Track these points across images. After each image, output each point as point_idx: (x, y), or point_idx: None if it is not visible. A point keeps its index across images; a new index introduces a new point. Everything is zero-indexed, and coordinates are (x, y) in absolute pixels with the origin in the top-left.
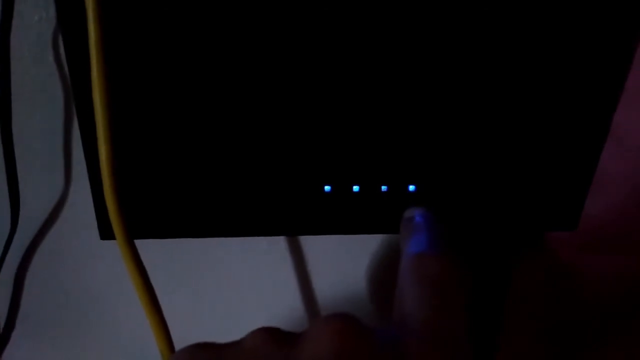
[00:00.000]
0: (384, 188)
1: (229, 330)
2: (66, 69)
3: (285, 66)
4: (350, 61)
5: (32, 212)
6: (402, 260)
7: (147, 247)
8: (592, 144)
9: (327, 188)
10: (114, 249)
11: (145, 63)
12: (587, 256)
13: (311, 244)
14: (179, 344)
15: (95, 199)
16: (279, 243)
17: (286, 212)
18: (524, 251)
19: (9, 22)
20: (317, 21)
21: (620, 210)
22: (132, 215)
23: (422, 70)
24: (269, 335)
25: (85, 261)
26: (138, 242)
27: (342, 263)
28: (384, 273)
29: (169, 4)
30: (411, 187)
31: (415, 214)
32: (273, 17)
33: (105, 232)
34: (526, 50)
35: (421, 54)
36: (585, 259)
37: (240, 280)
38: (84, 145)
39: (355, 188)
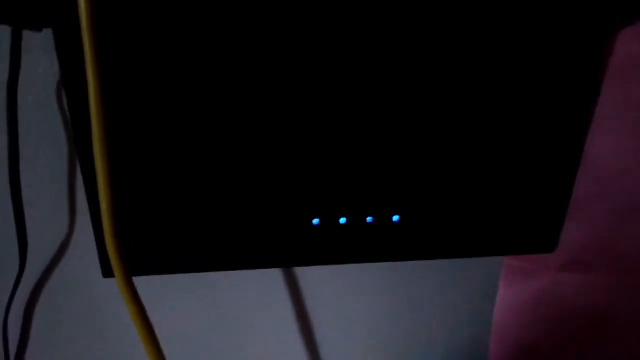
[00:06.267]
0: (369, 219)
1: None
2: (69, 116)
3: (272, 103)
4: (334, 94)
5: (39, 253)
6: None
7: (148, 282)
8: (565, 170)
9: (315, 221)
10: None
11: (142, 112)
12: (567, 275)
13: (305, 274)
14: None
15: (98, 240)
16: (274, 273)
17: (277, 246)
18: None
19: (17, 74)
20: (304, 52)
21: (597, 233)
22: (132, 253)
23: (402, 105)
24: None
25: (90, 297)
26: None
27: (335, 291)
28: (375, 299)
29: (162, 62)
30: (395, 217)
31: None
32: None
33: (108, 271)
34: (505, 82)
35: (404, 89)
36: (564, 278)
37: (236, 310)
38: (87, 190)
39: (342, 220)
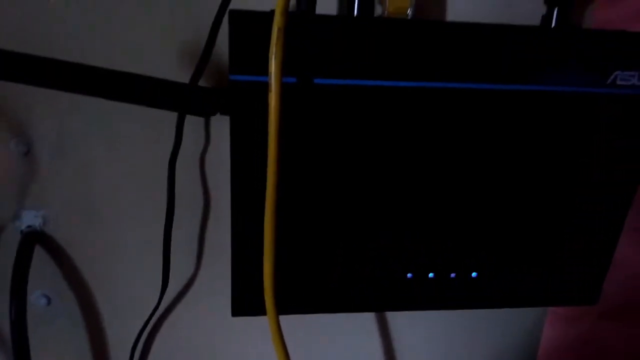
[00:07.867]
0: (452, 275)
1: None
2: (208, 181)
3: (399, 202)
4: (428, 193)
5: (170, 290)
6: None
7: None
8: (609, 235)
9: (409, 275)
10: (237, 324)
11: (295, 186)
12: (605, 323)
13: (394, 318)
14: None
15: (234, 283)
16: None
17: (380, 294)
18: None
19: (177, 149)
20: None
21: (635, 286)
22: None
23: (490, 203)
24: None
25: (209, 334)
26: None
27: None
28: (450, 338)
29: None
30: (474, 274)
31: None
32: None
33: (237, 310)
34: (574, 176)
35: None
36: (603, 326)
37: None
38: (233, 241)
39: (431, 275)
